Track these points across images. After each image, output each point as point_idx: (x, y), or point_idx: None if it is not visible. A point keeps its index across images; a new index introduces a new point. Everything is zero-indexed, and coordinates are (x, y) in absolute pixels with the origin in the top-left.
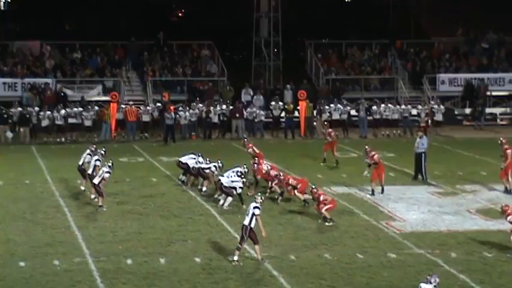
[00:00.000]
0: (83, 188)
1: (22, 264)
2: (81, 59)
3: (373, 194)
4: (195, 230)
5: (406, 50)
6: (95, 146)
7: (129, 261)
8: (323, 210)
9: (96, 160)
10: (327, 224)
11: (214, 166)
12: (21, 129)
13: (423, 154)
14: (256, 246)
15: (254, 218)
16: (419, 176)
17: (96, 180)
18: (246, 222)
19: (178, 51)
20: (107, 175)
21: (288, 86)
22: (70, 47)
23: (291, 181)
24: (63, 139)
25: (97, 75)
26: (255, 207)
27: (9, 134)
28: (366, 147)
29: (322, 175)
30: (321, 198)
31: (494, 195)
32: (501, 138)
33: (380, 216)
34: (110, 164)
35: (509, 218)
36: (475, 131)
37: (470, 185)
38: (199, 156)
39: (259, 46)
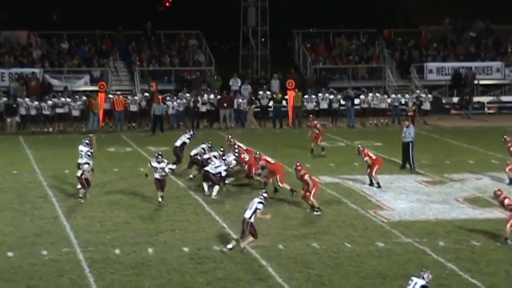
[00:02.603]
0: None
1: (10, 254)
2: (68, 49)
3: (379, 186)
4: (183, 219)
5: (394, 39)
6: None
7: (117, 251)
8: (312, 199)
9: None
10: (315, 213)
11: (215, 156)
12: (8, 120)
13: (410, 143)
14: (251, 239)
15: (255, 212)
16: (407, 165)
17: (78, 173)
18: (247, 215)
19: (165, 41)
20: (85, 166)
21: (276, 75)
22: (57, 37)
23: (261, 163)
24: (50, 129)
25: (84, 65)
26: (259, 202)
27: None
28: (359, 146)
29: (310, 164)
30: (305, 177)
31: (482, 184)
32: (505, 136)
33: (368, 206)
34: (89, 153)
35: (506, 201)
36: (462, 119)
37: (458, 174)
38: (208, 145)
39: (247, 35)
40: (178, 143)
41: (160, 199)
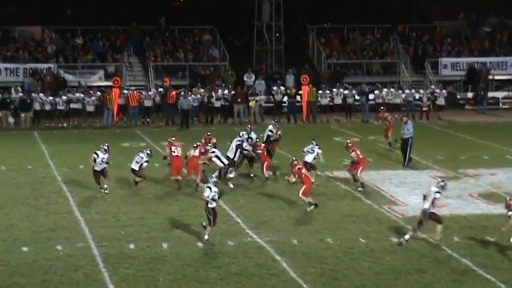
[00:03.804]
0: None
1: (25, 249)
2: (82, 45)
3: (362, 186)
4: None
5: (408, 34)
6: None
7: (131, 246)
8: (300, 195)
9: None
10: (308, 209)
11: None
12: (22, 115)
13: (410, 139)
14: (439, 226)
15: (434, 201)
16: (403, 160)
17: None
18: (427, 206)
19: (179, 36)
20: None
21: (290, 70)
22: (71, 32)
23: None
24: (65, 124)
25: (98, 61)
26: (436, 192)
27: (11, 120)
28: (348, 142)
29: (324, 159)
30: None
31: (497, 179)
32: None
33: (382, 201)
34: (105, 147)
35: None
36: (477, 115)
37: (473, 169)
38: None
39: (261, 31)
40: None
41: (105, 186)
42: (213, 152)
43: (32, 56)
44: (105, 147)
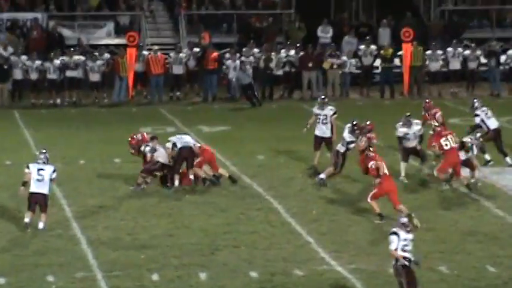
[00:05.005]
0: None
1: (1, 281)
2: None
3: None
4: (251, 231)
5: None
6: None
7: (154, 277)
8: (369, 200)
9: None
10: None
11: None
12: None
13: None
14: None
15: None
16: None
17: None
18: None
19: None
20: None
21: (385, 21)
22: None
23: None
24: (58, 100)
25: (106, 8)
26: None
27: None
28: (354, 122)
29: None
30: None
31: None
32: None
33: None
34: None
35: None
36: None
37: None
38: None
39: None
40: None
41: (40, 225)
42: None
43: (11, 2)
44: (43, 155)
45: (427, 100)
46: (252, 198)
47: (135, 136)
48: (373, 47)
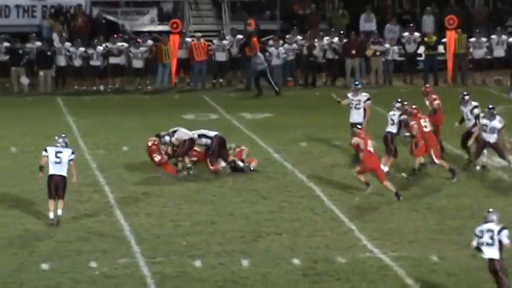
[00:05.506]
0: None
1: (45, 266)
2: None
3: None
4: (293, 218)
5: None
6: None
7: (197, 264)
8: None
9: None
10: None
11: None
12: (41, 73)
13: None
14: None
15: None
16: None
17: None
18: None
19: None
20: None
21: (428, 8)
22: None
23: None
24: (101, 87)
25: None
26: None
27: (25, 80)
28: (398, 102)
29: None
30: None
31: None
32: None
33: None
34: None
35: None
36: None
37: None
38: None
39: None
40: None
41: (58, 213)
42: None
43: None
44: (62, 139)
45: (427, 85)
46: (294, 185)
47: (150, 143)
48: (416, 34)
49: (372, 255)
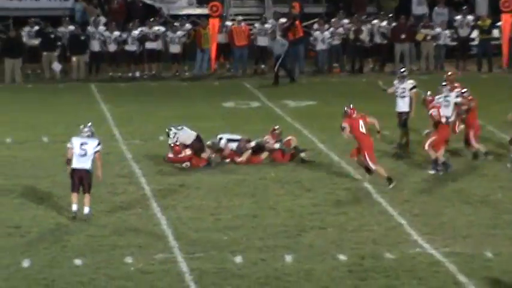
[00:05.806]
0: None
1: (78, 262)
2: None
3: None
4: (339, 212)
5: None
6: None
7: (237, 259)
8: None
9: None
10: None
11: None
12: (74, 59)
13: None
14: None
15: None
16: None
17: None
18: None
19: None
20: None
21: None
22: None
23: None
24: (137, 73)
25: None
26: None
27: (57, 66)
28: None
29: None
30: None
31: None
32: None
33: None
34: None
35: None
36: None
37: None
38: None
39: None
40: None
41: (86, 211)
42: None
43: None
44: (88, 128)
45: (450, 73)
46: (340, 177)
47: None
48: (470, 17)
49: (422, 250)
